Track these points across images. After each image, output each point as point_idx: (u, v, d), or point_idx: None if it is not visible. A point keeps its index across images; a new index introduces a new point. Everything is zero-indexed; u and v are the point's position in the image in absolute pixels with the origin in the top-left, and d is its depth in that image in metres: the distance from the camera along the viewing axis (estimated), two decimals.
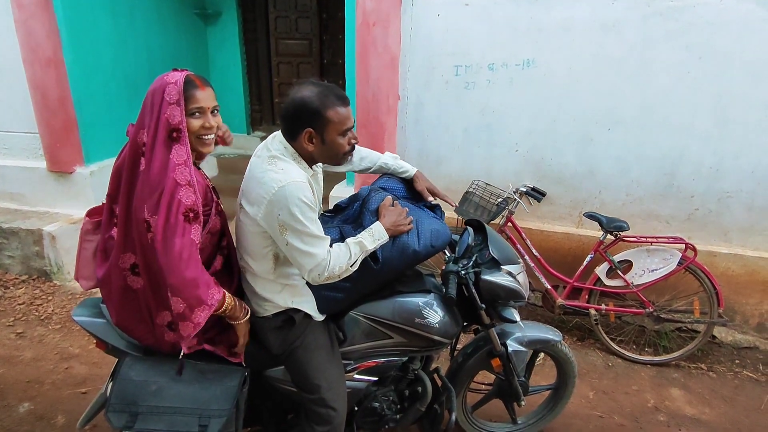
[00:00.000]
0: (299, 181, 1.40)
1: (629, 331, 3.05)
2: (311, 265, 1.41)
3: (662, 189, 3.04)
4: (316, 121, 1.43)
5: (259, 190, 1.40)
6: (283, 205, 1.36)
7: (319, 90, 1.43)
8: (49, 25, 3.39)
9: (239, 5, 5.24)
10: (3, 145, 3.89)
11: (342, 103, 1.45)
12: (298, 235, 1.39)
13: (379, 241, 1.52)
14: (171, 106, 1.34)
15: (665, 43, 2.79)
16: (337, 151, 1.49)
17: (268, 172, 1.41)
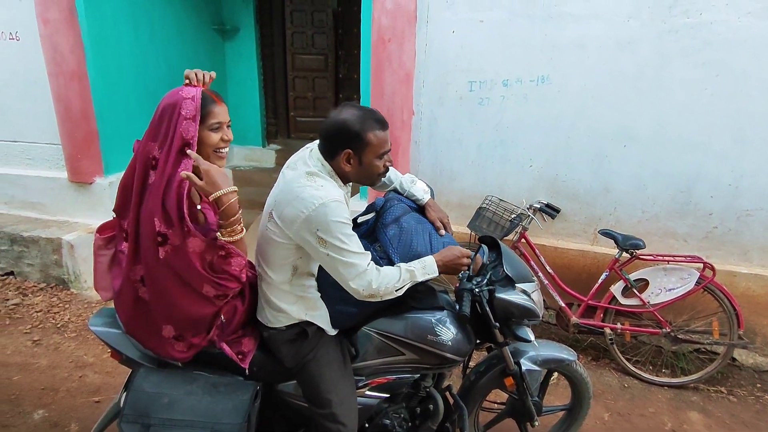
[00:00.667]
0: (338, 200, 1.43)
1: (646, 351, 2.99)
2: (353, 275, 1.43)
3: (679, 206, 3.00)
4: (355, 143, 1.47)
5: (297, 204, 1.42)
6: (323, 221, 1.39)
7: (361, 113, 1.48)
8: (73, 40, 3.50)
9: (257, 21, 5.34)
10: (26, 155, 3.99)
11: (381, 127, 1.49)
12: (338, 251, 1.42)
13: (428, 276, 1.53)
14: (187, 121, 1.37)
15: (681, 60, 2.78)
16: (372, 173, 1.53)
17: (307, 188, 1.43)
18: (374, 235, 1.64)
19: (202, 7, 4.93)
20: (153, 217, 1.36)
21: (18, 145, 3.98)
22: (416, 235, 1.63)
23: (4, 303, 3.49)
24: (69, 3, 3.42)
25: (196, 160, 1.38)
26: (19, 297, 3.57)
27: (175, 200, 1.35)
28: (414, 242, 1.61)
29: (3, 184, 4.02)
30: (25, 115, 3.87)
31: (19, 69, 3.74)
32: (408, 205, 1.73)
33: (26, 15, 3.55)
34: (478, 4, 3.01)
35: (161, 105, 1.42)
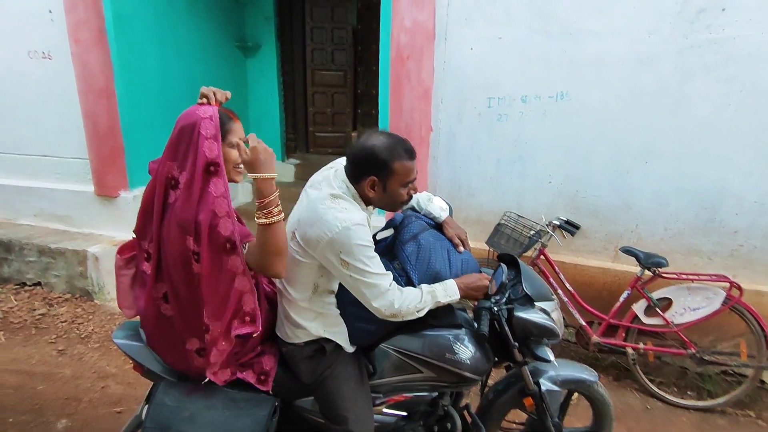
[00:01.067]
0: (361, 224, 1.44)
1: (670, 372, 2.91)
2: (376, 296, 1.45)
3: (703, 224, 2.94)
4: (381, 171, 1.48)
5: (321, 226, 1.43)
6: (346, 244, 1.41)
7: (390, 141, 1.49)
8: (103, 59, 3.63)
9: (278, 38, 5.47)
10: (55, 169, 4.12)
11: (409, 157, 1.50)
12: (360, 272, 1.44)
13: (449, 298, 1.56)
14: (208, 140, 1.37)
15: (704, 75, 2.75)
16: (395, 201, 1.55)
17: (331, 210, 1.45)
18: (393, 252, 1.65)
19: (225, 26, 5.07)
20: (179, 236, 1.37)
21: (48, 160, 4.12)
22: (434, 252, 1.63)
23: (31, 313, 3.58)
24: (99, 23, 3.56)
25: (249, 138, 1.40)
26: (45, 307, 3.67)
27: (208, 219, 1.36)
28: (432, 259, 1.61)
29: (33, 197, 4.16)
30: (56, 130, 4.01)
31: (51, 86, 3.89)
32: (426, 222, 1.73)
33: (59, 35, 3.70)
34: (497, 22, 3.04)
35: (179, 125, 1.42)
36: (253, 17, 5.36)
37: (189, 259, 1.38)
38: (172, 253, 1.41)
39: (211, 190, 1.38)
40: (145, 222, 1.50)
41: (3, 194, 4.23)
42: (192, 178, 1.37)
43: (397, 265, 1.62)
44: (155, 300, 1.49)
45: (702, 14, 2.68)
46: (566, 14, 2.90)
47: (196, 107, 1.43)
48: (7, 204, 4.25)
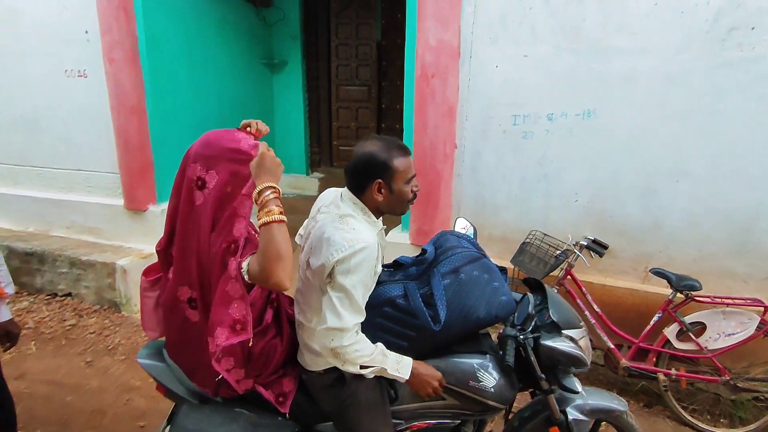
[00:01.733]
0: (371, 245, 1.42)
1: (703, 399, 2.79)
2: (333, 325, 1.40)
3: (737, 245, 2.83)
4: (384, 172, 1.49)
5: (329, 247, 1.42)
6: (347, 262, 1.39)
7: (383, 143, 1.51)
8: (135, 77, 3.76)
9: (304, 55, 5.56)
10: (87, 183, 4.26)
11: (405, 153, 1.53)
12: (340, 292, 1.41)
13: (397, 374, 1.48)
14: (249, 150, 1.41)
15: (736, 94, 2.67)
16: (402, 200, 1.55)
17: (339, 230, 1.44)
18: (426, 279, 1.61)
19: (253, 44, 5.19)
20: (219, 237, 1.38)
21: (81, 174, 4.27)
22: (476, 288, 1.57)
23: (61, 323, 3.68)
24: (133, 44, 3.69)
25: (260, 145, 1.41)
26: (75, 318, 3.76)
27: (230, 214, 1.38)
28: (469, 296, 1.56)
29: (66, 210, 4.30)
30: (89, 146, 4.15)
31: (86, 104, 4.04)
32: (471, 254, 1.65)
33: (94, 54, 3.85)
34: (522, 40, 3.02)
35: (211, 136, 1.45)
36: (280, 36, 5.48)
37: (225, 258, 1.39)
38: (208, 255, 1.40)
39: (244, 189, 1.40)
40: (172, 227, 1.51)
41: (38, 207, 4.39)
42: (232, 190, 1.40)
43: (427, 292, 1.58)
44: (180, 304, 1.48)
45: (733, 32, 2.61)
46: (593, 32, 2.87)
47: (236, 130, 1.46)
48: (41, 216, 4.40)
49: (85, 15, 3.80)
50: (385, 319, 1.57)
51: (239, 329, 1.36)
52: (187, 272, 1.45)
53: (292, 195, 5.67)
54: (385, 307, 1.57)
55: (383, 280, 1.64)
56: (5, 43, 4.17)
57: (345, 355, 1.42)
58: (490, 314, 1.58)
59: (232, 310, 1.36)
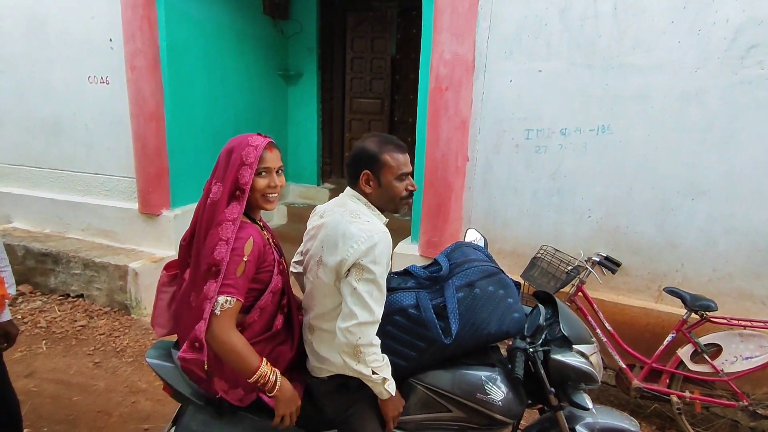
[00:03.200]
0: (386, 233, 1.45)
1: (720, 426, 2.71)
2: (365, 319, 1.39)
3: (756, 266, 2.77)
4: (373, 164, 1.52)
5: (346, 240, 1.42)
6: (370, 252, 1.39)
7: (378, 138, 1.56)
8: (155, 85, 3.84)
9: (319, 67, 5.64)
10: (105, 187, 4.34)
11: (398, 149, 1.54)
12: (369, 284, 1.40)
13: (386, 390, 1.47)
14: (244, 166, 1.44)
15: (755, 112, 2.64)
16: (393, 195, 1.54)
17: (354, 223, 1.45)
18: (438, 290, 1.60)
19: (270, 56, 5.28)
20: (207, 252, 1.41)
21: (99, 178, 4.35)
22: (488, 304, 1.56)
23: (72, 324, 3.72)
24: (154, 52, 3.78)
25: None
26: (86, 319, 3.80)
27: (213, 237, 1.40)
28: (482, 311, 1.55)
29: (83, 213, 4.38)
30: (107, 150, 4.23)
31: (106, 110, 4.13)
32: (488, 268, 1.62)
33: (116, 62, 3.94)
34: (537, 55, 3.03)
35: (228, 147, 1.48)
36: (296, 48, 5.57)
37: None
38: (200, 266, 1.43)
39: (227, 213, 1.42)
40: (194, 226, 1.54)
41: (57, 209, 4.48)
42: (221, 197, 1.43)
43: (440, 304, 1.56)
44: (192, 309, 1.47)
45: (753, 50, 2.59)
46: (608, 49, 2.87)
47: (250, 135, 1.49)
48: (58, 218, 4.48)
49: (110, 24, 3.91)
50: (395, 328, 1.56)
51: (197, 347, 1.37)
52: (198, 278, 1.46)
53: (303, 205, 5.71)
54: (396, 315, 1.55)
55: (394, 286, 1.62)
56: (33, 51, 4.30)
57: (366, 355, 1.41)
58: (501, 330, 1.57)
59: (197, 328, 1.36)
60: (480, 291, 1.56)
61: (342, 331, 1.42)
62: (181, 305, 1.54)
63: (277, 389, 1.43)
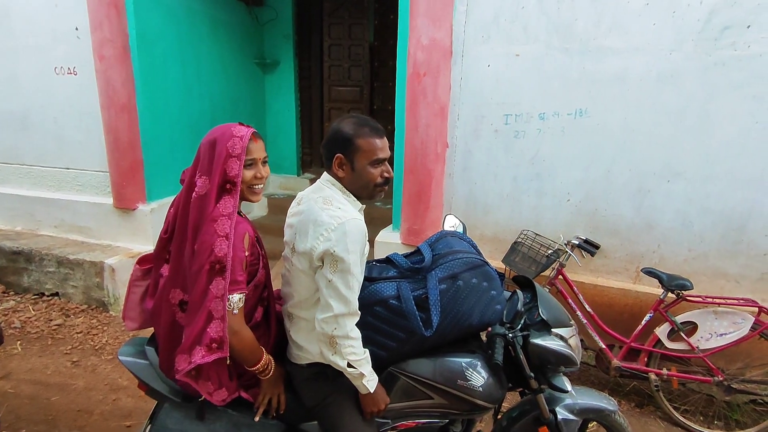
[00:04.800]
0: (358, 219, 1.42)
1: (696, 400, 2.78)
2: (340, 311, 1.38)
3: (730, 245, 2.83)
4: (346, 148, 1.46)
5: (316, 228, 1.40)
6: (341, 240, 1.37)
7: (354, 120, 1.49)
8: (125, 75, 3.72)
9: (296, 55, 5.54)
10: (77, 182, 4.21)
11: (374, 133, 1.47)
12: (344, 275, 1.38)
13: (364, 385, 1.46)
14: (232, 158, 1.40)
15: (729, 93, 2.67)
16: (366, 180, 1.49)
17: (325, 210, 1.42)
18: (420, 280, 1.58)
19: (245, 44, 5.16)
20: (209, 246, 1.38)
21: (70, 172, 4.22)
22: (471, 296, 1.55)
23: (48, 323, 3.63)
24: (123, 41, 3.65)
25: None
26: (62, 318, 3.71)
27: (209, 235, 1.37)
28: (464, 304, 1.54)
29: (55, 209, 4.25)
30: (78, 143, 4.10)
31: (75, 101, 4.00)
32: (472, 260, 1.60)
33: (84, 51, 3.81)
34: (514, 39, 3.01)
35: (211, 136, 1.45)
36: (272, 35, 5.45)
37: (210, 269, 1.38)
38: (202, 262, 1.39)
39: (220, 208, 1.39)
40: (173, 224, 1.50)
41: (27, 205, 4.34)
42: (209, 191, 1.40)
43: (421, 296, 1.55)
44: (171, 306, 1.48)
45: (727, 31, 2.61)
46: (585, 32, 2.86)
47: (233, 125, 1.45)
48: (29, 215, 4.35)
49: (75, 12, 3.76)
50: (375, 319, 1.55)
51: (215, 348, 1.37)
52: (182, 275, 1.45)
53: (283, 195, 5.64)
54: (376, 306, 1.54)
55: (375, 276, 1.61)
56: None
57: (341, 347, 1.40)
58: (483, 322, 1.57)
59: (211, 329, 1.36)
60: (463, 283, 1.55)
61: (318, 322, 1.42)
62: (160, 302, 1.51)
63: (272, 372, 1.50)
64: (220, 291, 1.35)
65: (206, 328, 1.35)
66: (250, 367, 1.47)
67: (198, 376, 1.42)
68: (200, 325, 1.36)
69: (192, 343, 1.37)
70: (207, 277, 1.35)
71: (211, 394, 1.45)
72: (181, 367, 1.38)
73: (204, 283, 1.35)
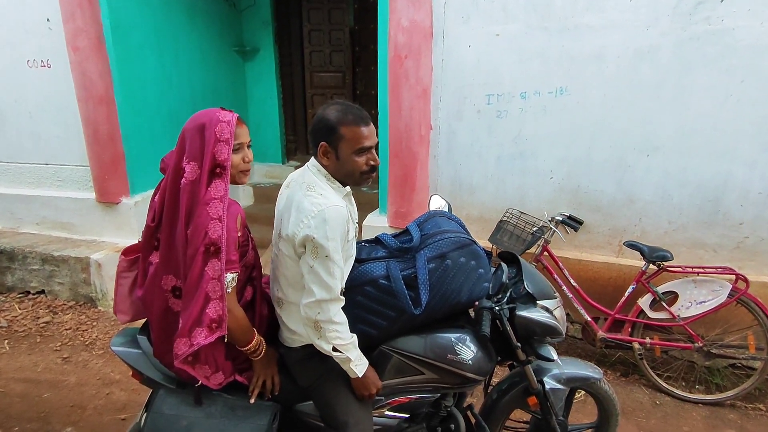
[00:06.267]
0: (339, 206, 1.43)
1: (677, 366, 2.88)
2: (322, 297, 1.40)
3: (707, 216, 2.91)
4: (330, 136, 1.46)
5: (299, 214, 1.42)
6: (321, 227, 1.38)
7: (339, 108, 1.48)
8: (102, 66, 3.64)
9: (276, 42, 5.46)
10: (57, 177, 4.14)
11: (357, 122, 1.45)
12: (325, 262, 1.39)
13: (353, 369, 1.48)
14: (220, 143, 1.41)
15: (703, 67, 2.72)
16: (351, 169, 1.48)
17: (308, 197, 1.43)
18: (409, 260, 1.60)
19: (223, 31, 5.07)
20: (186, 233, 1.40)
21: (49, 168, 4.14)
22: (459, 275, 1.58)
23: (35, 321, 3.59)
24: (98, 31, 3.57)
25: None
26: (49, 315, 3.68)
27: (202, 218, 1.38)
28: (453, 282, 1.57)
29: (35, 206, 4.17)
30: (56, 138, 4.02)
31: (51, 95, 3.90)
32: (460, 239, 1.61)
33: (57, 43, 3.71)
34: (494, 19, 3.02)
35: (197, 121, 1.44)
36: (251, 22, 5.36)
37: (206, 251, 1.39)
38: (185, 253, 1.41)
39: (212, 192, 1.40)
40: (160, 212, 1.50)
41: (6, 203, 4.25)
42: (199, 177, 1.41)
43: (410, 275, 1.57)
44: (164, 293, 1.48)
45: (700, 6, 2.65)
46: (563, 10, 2.88)
47: (218, 110, 1.45)
48: (9, 213, 4.27)
49: (45, 2, 3.65)
50: (365, 298, 1.57)
51: (215, 327, 1.40)
52: (174, 261, 1.45)
53: (268, 184, 5.60)
54: (367, 286, 1.56)
55: (365, 257, 1.63)
56: None
57: (326, 331, 1.42)
58: (471, 300, 1.61)
59: (210, 309, 1.38)
60: (451, 262, 1.58)
61: (303, 307, 1.45)
62: (151, 288, 1.51)
63: (263, 353, 1.53)
64: (217, 272, 1.38)
65: (205, 309, 1.38)
66: (242, 347, 1.49)
67: (195, 360, 1.43)
68: (198, 306, 1.37)
69: (192, 325, 1.38)
70: (203, 260, 1.37)
71: (209, 378, 1.47)
72: (182, 351, 1.39)
73: (200, 266, 1.37)
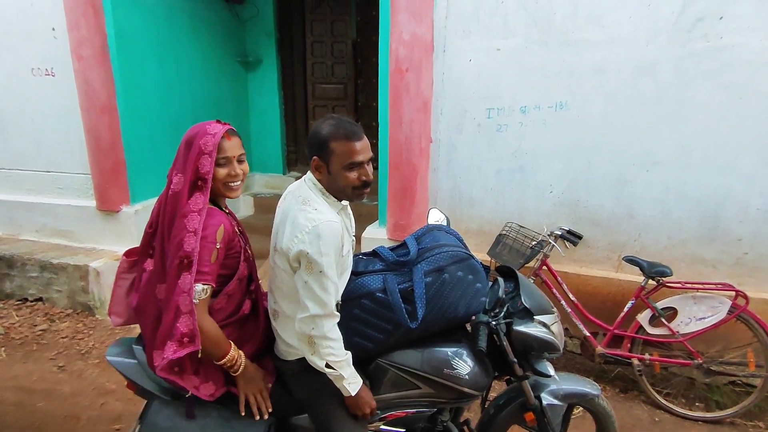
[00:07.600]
0: (333, 222, 1.42)
1: (677, 383, 2.85)
2: (316, 312, 1.39)
3: (707, 232, 2.90)
4: (321, 151, 1.46)
5: (293, 229, 1.42)
6: (314, 243, 1.37)
7: (332, 123, 1.47)
8: (105, 75, 3.67)
9: (279, 53, 5.51)
10: (58, 185, 4.15)
11: (348, 138, 1.44)
12: (319, 278, 1.39)
13: (346, 387, 1.47)
14: (204, 155, 1.42)
15: (703, 83, 2.74)
16: (343, 184, 1.47)
17: (302, 212, 1.43)
18: (406, 273, 1.60)
19: (226, 42, 5.12)
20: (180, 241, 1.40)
21: (50, 175, 4.15)
22: (456, 289, 1.58)
23: (32, 329, 3.58)
24: (102, 41, 3.61)
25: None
26: (46, 323, 3.66)
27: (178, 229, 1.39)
28: (450, 296, 1.56)
29: (35, 213, 4.18)
30: (58, 146, 4.04)
31: (54, 103, 3.94)
32: (457, 253, 1.61)
33: (62, 52, 3.75)
34: (495, 33, 3.05)
35: (187, 136, 1.47)
36: (254, 33, 5.41)
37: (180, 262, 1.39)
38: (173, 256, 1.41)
39: (191, 204, 1.41)
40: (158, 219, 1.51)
41: (6, 210, 4.26)
42: (182, 188, 1.42)
43: (407, 288, 1.56)
44: (157, 302, 1.47)
45: (699, 23, 2.68)
46: (563, 25, 2.91)
47: (209, 123, 1.46)
48: (9, 220, 4.28)
49: (51, 11, 3.70)
50: (362, 311, 1.57)
51: (186, 342, 1.38)
52: (165, 270, 1.45)
53: (269, 194, 5.61)
54: (363, 299, 1.56)
55: (362, 270, 1.63)
56: None
57: (319, 347, 1.42)
58: (469, 314, 1.61)
59: (180, 323, 1.37)
60: (449, 276, 1.57)
61: (297, 322, 1.44)
62: (145, 297, 1.51)
63: (242, 369, 1.48)
64: (187, 285, 1.36)
65: (176, 323, 1.37)
66: (216, 360, 1.45)
67: (182, 371, 1.43)
68: (170, 319, 1.37)
69: (164, 338, 1.38)
70: (175, 273, 1.37)
71: (198, 388, 1.46)
72: (157, 363, 1.39)
73: (173, 278, 1.37)
